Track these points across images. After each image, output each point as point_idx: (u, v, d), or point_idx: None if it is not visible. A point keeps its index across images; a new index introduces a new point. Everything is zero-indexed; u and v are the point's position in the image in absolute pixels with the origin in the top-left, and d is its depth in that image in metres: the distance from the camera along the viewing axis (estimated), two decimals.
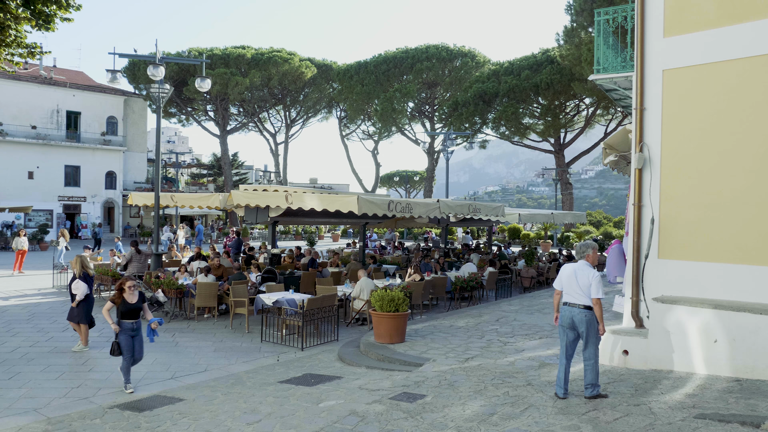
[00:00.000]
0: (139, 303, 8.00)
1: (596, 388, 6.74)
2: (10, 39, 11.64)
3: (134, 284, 7.99)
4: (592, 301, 6.67)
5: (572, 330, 6.84)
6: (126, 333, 7.80)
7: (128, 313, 7.87)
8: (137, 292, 8.03)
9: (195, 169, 66.65)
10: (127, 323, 7.83)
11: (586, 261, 6.91)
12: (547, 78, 40.23)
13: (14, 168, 40.56)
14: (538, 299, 15.67)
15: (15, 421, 6.59)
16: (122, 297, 7.87)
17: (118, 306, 7.84)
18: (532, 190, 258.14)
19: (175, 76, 44.80)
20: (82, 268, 10.12)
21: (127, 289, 7.91)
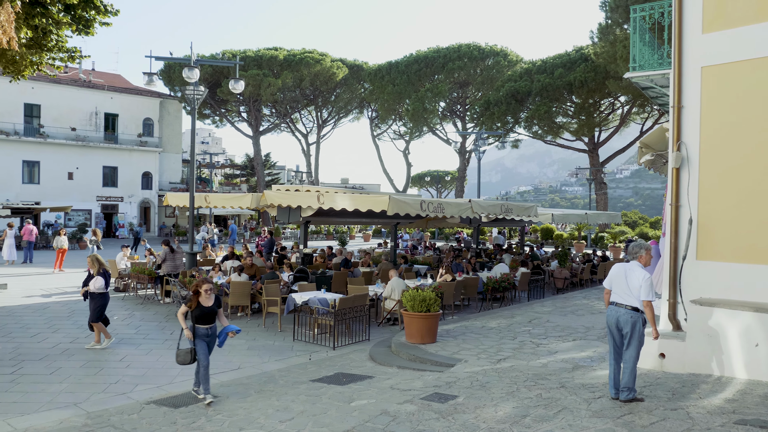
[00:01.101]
0: (215, 307, 7.52)
1: (632, 392, 6.62)
2: (51, 44, 11.99)
3: (211, 287, 7.48)
4: (642, 303, 6.54)
5: (618, 331, 6.73)
6: (201, 339, 7.38)
7: (204, 317, 7.39)
8: (214, 295, 7.57)
9: (228, 170, 67.65)
10: (202, 328, 7.39)
11: (638, 262, 6.78)
12: (581, 76, 39.65)
13: (55, 169, 41.74)
14: (571, 300, 15.46)
15: (56, 414, 6.78)
16: (198, 300, 7.39)
17: (193, 310, 7.38)
18: (565, 190, 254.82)
19: (209, 78, 45.52)
20: (99, 265, 10.19)
21: (203, 292, 7.41)
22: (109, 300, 10.35)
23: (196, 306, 7.38)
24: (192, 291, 7.48)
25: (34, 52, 11.98)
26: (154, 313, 13.50)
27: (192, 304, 7.39)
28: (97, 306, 10.05)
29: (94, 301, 10.07)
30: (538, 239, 39.44)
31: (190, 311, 7.41)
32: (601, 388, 7.24)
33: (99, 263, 10.21)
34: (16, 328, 11.57)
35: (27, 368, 8.76)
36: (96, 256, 10.30)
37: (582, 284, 19.09)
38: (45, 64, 12.57)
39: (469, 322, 12.24)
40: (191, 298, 7.42)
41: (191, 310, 7.40)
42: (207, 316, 7.42)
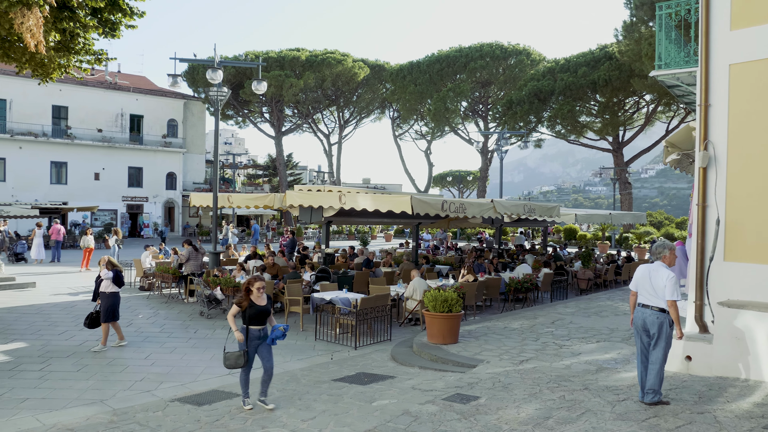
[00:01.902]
0: (267, 306, 7.09)
1: (658, 394, 6.52)
2: (78, 47, 12.19)
3: (263, 284, 7.04)
4: (666, 303, 6.45)
5: (645, 332, 6.64)
6: (252, 341, 6.93)
7: (256, 317, 6.93)
8: (266, 294, 7.18)
9: (251, 170, 68.20)
10: (254, 330, 6.94)
11: (661, 262, 6.68)
12: (605, 75, 39.18)
13: (82, 170, 42.49)
14: (595, 302, 15.28)
15: (83, 411, 6.90)
16: (249, 299, 6.97)
17: (244, 310, 6.94)
18: (588, 190, 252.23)
19: (232, 79, 45.92)
20: (112, 266, 10.15)
21: (255, 290, 6.97)
22: (119, 301, 10.26)
23: (249, 305, 6.94)
24: (243, 289, 7.09)
25: (62, 54, 12.19)
26: (178, 312, 13.66)
27: (243, 303, 6.96)
28: (108, 306, 9.99)
29: (105, 301, 10.01)
30: (561, 239, 39.08)
31: (241, 311, 6.99)
32: (625, 391, 7.15)
33: (111, 264, 10.21)
34: (45, 326, 11.80)
35: (55, 365, 8.93)
36: (108, 257, 10.32)
37: (606, 285, 18.86)
38: (72, 67, 12.78)
39: (491, 322, 12.17)
40: (242, 297, 7.02)
41: (242, 310, 6.97)
42: (260, 316, 6.98)
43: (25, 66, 12.31)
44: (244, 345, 6.90)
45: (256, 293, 6.99)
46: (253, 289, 6.99)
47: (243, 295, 7.04)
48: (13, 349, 9.84)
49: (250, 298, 6.98)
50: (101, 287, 10.04)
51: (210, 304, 13.12)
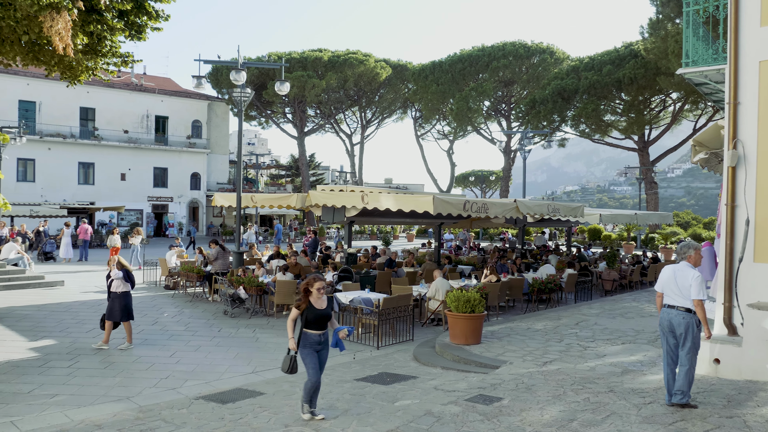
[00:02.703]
0: (328, 309, 6.55)
1: (686, 396, 6.40)
2: (105, 49, 12.38)
3: (324, 285, 6.53)
4: (693, 302, 6.35)
5: (671, 334, 6.54)
6: (311, 347, 6.41)
7: (316, 321, 6.41)
8: (326, 296, 6.66)
9: (274, 170, 68.68)
10: (314, 335, 6.40)
11: (687, 262, 6.58)
12: (630, 73, 38.66)
13: (109, 170, 43.21)
14: (620, 303, 15.08)
15: (110, 408, 7.01)
16: (309, 301, 6.46)
17: (303, 312, 6.43)
18: (613, 190, 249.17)
19: (255, 80, 46.29)
20: (121, 266, 10.18)
21: (314, 291, 6.43)
22: (131, 300, 10.23)
23: (307, 307, 6.42)
24: (302, 290, 6.53)
25: (89, 57, 12.40)
26: (202, 310, 13.81)
27: (302, 306, 6.43)
28: (122, 305, 9.97)
29: (118, 301, 9.95)
30: (585, 240, 38.65)
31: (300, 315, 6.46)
32: (651, 394, 7.04)
33: (120, 264, 10.23)
34: (73, 324, 12.02)
35: (83, 362, 9.09)
36: (118, 258, 10.31)
37: (631, 286, 18.61)
38: (100, 69, 12.99)
39: (514, 323, 12.08)
40: (300, 299, 6.47)
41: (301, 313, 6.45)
42: (320, 320, 6.44)
43: (54, 69, 12.54)
44: (307, 353, 6.42)
45: (315, 294, 6.44)
46: (312, 290, 6.44)
47: (301, 296, 6.51)
48: (42, 346, 10.04)
49: (309, 300, 6.45)
50: (113, 287, 10.04)
51: (234, 303, 13.25)
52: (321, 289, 6.44)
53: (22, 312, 13.20)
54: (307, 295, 6.47)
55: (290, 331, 6.47)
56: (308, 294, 6.47)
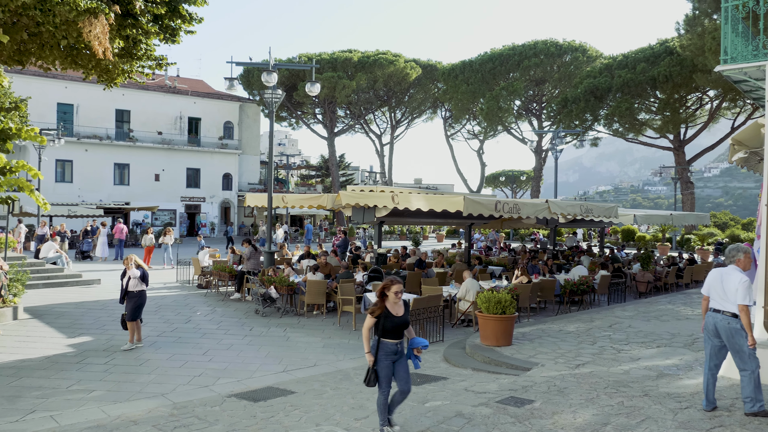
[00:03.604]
0: (406, 317, 5.94)
1: (757, 403, 6.15)
2: (141, 53, 12.61)
3: (401, 288, 5.89)
4: (738, 308, 6.17)
5: (716, 337, 6.37)
6: (387, 358, 5.84)
7: (393, 330, 5.82)
8: (403, 300, 6.01)
9: (304, 171, 69.15)
10: (390, 344, 5.84)
11: (735, 266, 6.40)
12: (665, 70, 37.89)
13: (143, 171, 44.08)
14: (655, 305, 14.79)
15: (145, 404, 7.14)
16: (384, 307, 5.85)
17: (379, 320, 5.84)
18: (648, 190, 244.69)
19: (286, 82, 46.70)
20: (137, 265, 10.15)
21: (392, 295, 5.83)
22: (146, 300, 10.21)
23: (383, 314, 5.81)
24: (377, 294, 5.93)
25: (125, 60, 12.65)
26: (234, 309, 13.99)
27: (377, 312, 5.83)
28: (135, 305, 9.95)
29: (132, 300, 9.95)
30: (618, 241, 37.99)
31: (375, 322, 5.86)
32: (688, 398, 6.89)
33: (137, 263, 10.19)
34: (109, 321, 12.29)
35: (119, 359, 9.29)
36: (134, 256, 10.23)
37: (667, 288, 18.22)
38: (135, 72, 13.23)
39: (545, 325, 11.94)
40: (376, 304, 5.89)
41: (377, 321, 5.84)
42: (396, 329, 5.84)
43: (91, 72, 12.83)
44: (384, 363, 5.88)
45: (392, 299, 5.84)
46: (389, 294, 5.84)
47: (377, 301, 5.91)
48: (80, 343, 10.29)
49: (385, 305, 5.85)
50: (129, 286, 9.99)
51: (265, 302, 13.38)
52: (399, 293, 5.82)
53: (61, 309, 13.55)
54: (383, 299, 5.86)
55: (366, 343, 5.88)
56: (384, 299, 5.86)
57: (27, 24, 11.31)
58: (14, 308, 12.29)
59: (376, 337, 5.88)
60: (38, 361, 9.13)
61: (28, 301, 13.92)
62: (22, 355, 9.41)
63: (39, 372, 8.48)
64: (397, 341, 5.87)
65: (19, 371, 8.51)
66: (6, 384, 7.85)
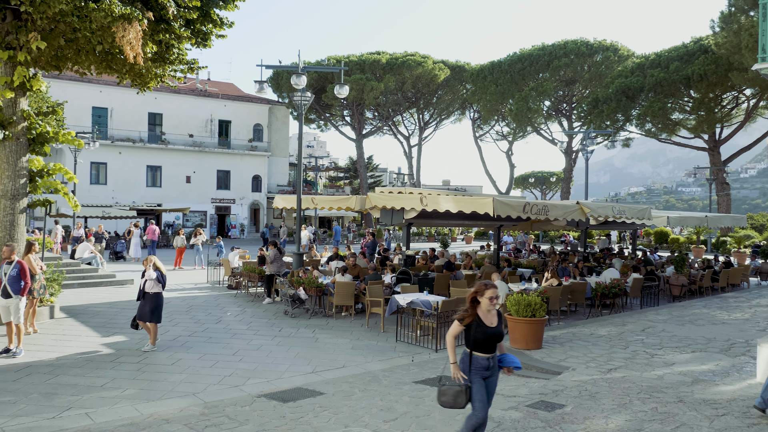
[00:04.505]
0: (500, 327, 5.26)
1: None
2: (173, 57, 12.84)
3: (496, 293, 5.20)
4: None
5: None
6: (478, 374, 5.16)
7: (485, 342, 5.15)
8: (497, 309, 5.30)
9: (332, 172, 69.53)
10: (482, 358, 5.17)
11: None
12: (700, 69, 37.10)
13: (175, 173, 44.82)
14: (689, 309, 14.47)
15: (177, 403, 7.25)
16: (476, 314, 5.18)
17: (470, 329, 5.16)
18: (681, 191, 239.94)
19: (315, 84, 47.00)
20: (157, 267, 10.09)
21: (485, 301, 5.14)
22: (162, 302, 10.14)
23: (474, 323, 5.15)
24: (468, 300, 5.25)
25: (158, 65, 12.89)
26: (263, 310, 14.11)
27: (467, 319, 5.17)
28: (153, 306, 9.89)
29: (150, 301, 9.88)
30: (651, 243, 37.30)
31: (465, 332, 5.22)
32: (725, 405, 6.72)
33: (155, 265, 10.12)
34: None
35: (151, 358, 9.44)
36: (152, 258, 10.20)
37: (702, 292, 17.81)
38: (167, 76, 13.47)
39: (576, 328, 11.78)
40: (466, 311, 5.20)
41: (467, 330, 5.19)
42: (491, 341, 5.17)
43: (125, 77, 13.11)
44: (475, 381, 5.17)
45: (486, 305, 5.15)
46: (482, 299, 5.15)
47: (467, 306, 5.22)
48: (114, 342, 10.49)
49: (477, 313, 5.16)
50: (146, 287, 9.94)
51: (294, 303, 13.47)
52: (493, 299, 5.13)
53: (96, 309, 13.84)
54: (475, 306, 5.17)
55: (451, 353, 5.23)
56: (476, 305, 5.17)
57: (64, 30, 11.60)
58: (51, 307, 12.59)
59: (465, 349, 5.24)
60: (74, 359, 9.34)
61: (64, 300, 14.24)
62: (58, 354, 9.63)
63: (74, 370, 8.67)
64: (490, 356, 5.19)
65: (55, 369, 8.71)
66: (43, 381, 8.05)
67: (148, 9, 11.06)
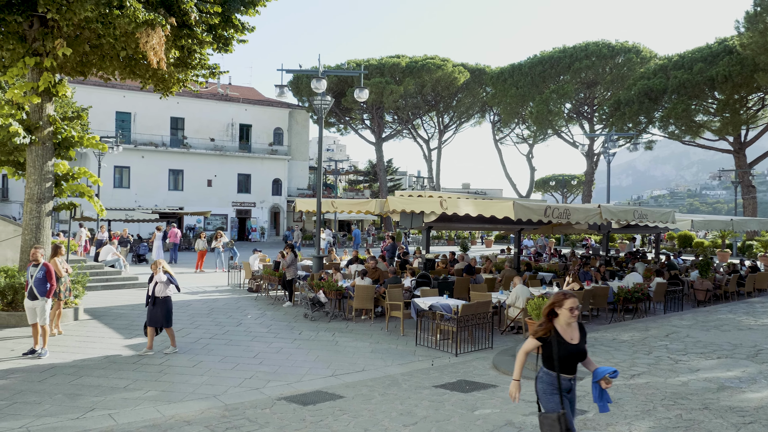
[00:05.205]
0: (582, 344, 4.67)
1: None
2: (195, 62, 12.99)
3: (577, 303, 4.58)
4: None
5: None
6: (554, 393, 4.61)
7: (567, 359, 4.59)
8: (578, 324, 4.70)
9: (352, 176, 69.67)
10: (564, 379, 4.62)
11: None
12: (724, 70, 36.51)
13: (196, 177, 45.28)
14: (714, 314, 14.22)
15: (198, 405, 7.30)
16: (553, 327, 4.60)
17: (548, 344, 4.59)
18: (706, 194, 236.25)
19: (335, 88, 47.17)
20: (165, 271, 10.09)
21: (565, 312, 4.54)
22: (172, 306, 10.12)
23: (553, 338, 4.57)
24: (545, 313, 4.66)
25: (180, 70, 13.05)
26: (283, 313, 14.17)
27: (540, 332, 4.62)
28: (164, 311, 9.87)
29: (161, 306, 9.85)
30: (675, 247, 36.75)
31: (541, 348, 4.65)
32: (752, 413, 6.58)
33: (164, 269, 10.11)
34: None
35: (172, 360, 9.53)
36: (163, 262, 10.20)
37: (727, 297, 17.49)
38: (190, 81, 13.63)
39: (598, 333, 11.64)
40: (542, 325, 4.65)
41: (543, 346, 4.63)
42: (571, 360, 4.61)
43: (148, 81, 13.29)
44: (558, 405, 4.59)
45: (566, 318, 4.56)
46: (561, 311, 4.56)
47: (542, 320, 4.66)
48: (137, 344, 10.60)
49: (554, 326, 4.59)
50: (156, 292, 9.89)
51: (314, 306, 13.50)
52: (575, 310, 4.53)
53: (119, 311, 14.02)
54: (552, 318, 4.59)
55: (518, 368, 4.70)
56: (553, 317, 4.59)
57: (89, 37, 11.80)
58: (75, 309, 12.78)
59: (542, 368, 4.69)
60: (97, 360, 9.46)
61: (88, 302, 14.45)
62: (82, 355, 9.77)
63: (98, 371, 8.78)
64: (571, 376, 4.65)
65: (79, 370, 8.83)
66: (67, 382, 8.17)
67: (171, 15, 11.20)
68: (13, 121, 11.70)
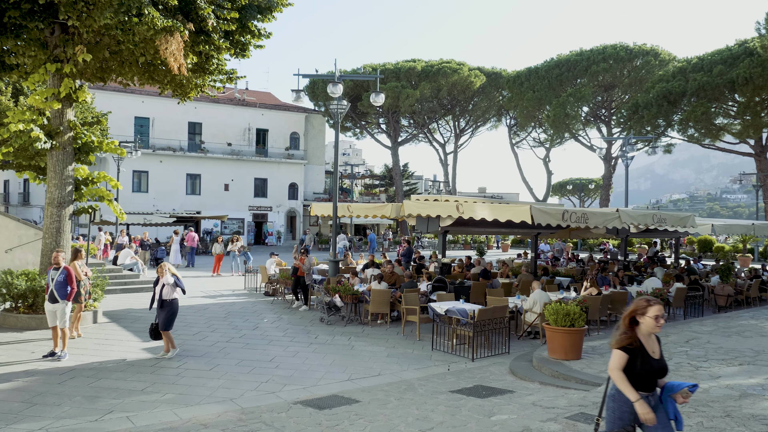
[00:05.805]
0: (663, 359, 4.28)
1: None
2: (213, 67, 13.12)
3: (662, 311, 4.17)
4: None
5: None
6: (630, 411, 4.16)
7: (644, 377, 4.16)
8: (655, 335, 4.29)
9: (368, 180, 69.77)
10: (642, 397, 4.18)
11: None
12: (745, 72, 36.00)
13: (213, 181, 45.65)
14: (736, 320, 13.98)
15: (214, 408, 7.33)
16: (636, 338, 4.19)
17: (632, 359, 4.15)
18: (726, 198, 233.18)
19: (351, 92, 47.29)
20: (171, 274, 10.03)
21: (648, 321, 4.15)
22: (177, 309, 10.08)
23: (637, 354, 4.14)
24: (625, 321, 4.24)
25: (198, 75, 13.18)
26: (299, 317, 14.20)
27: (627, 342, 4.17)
28: (168, 314, 9.84)
29: (165, 309, 9.83)
30: (694, 252, 36.27)
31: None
32: None
33: (171, 272, 10.06)
34: (181, 327, 12.69)
35: (190, 364, 9.58)
36: (167, 265, 10.10)
37: (749, 303, 17.20)
38: (207, 86, 13.75)
39: None
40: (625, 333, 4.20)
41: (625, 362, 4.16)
42: (653, 376, 4.19)
43: (166, 87, 13.43)
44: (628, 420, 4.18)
45: (649, 327, 4.15)
46: (644, 320, 4.16)
47: (623, 329, 4.23)
48: (154, 347, 10.67)
49: (638, 337, 4.18)
50: (163, 294, 9.85)
51: (330, 310, 13.51)
52: (660, 318, 4.11)
53: (137, 314, 14.14)
54: (634, 327, 4.18)
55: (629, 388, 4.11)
56: (635, 326, 4.18)
57: (108, 43, 11.95)
58: (94, 312, 12.92)
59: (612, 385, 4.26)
60: (115, 363, 9.54)
61: (107, 305, 14.59)
62: (101, 358, 9.86)
63: (116, 374, 8.86)
64: (650, 394, 4.20)
65: (97, 372, 8.92)
66: (86, 385, 8.25)
67: (189, 21, 11.31)
68: (35, 126, 11.89)
